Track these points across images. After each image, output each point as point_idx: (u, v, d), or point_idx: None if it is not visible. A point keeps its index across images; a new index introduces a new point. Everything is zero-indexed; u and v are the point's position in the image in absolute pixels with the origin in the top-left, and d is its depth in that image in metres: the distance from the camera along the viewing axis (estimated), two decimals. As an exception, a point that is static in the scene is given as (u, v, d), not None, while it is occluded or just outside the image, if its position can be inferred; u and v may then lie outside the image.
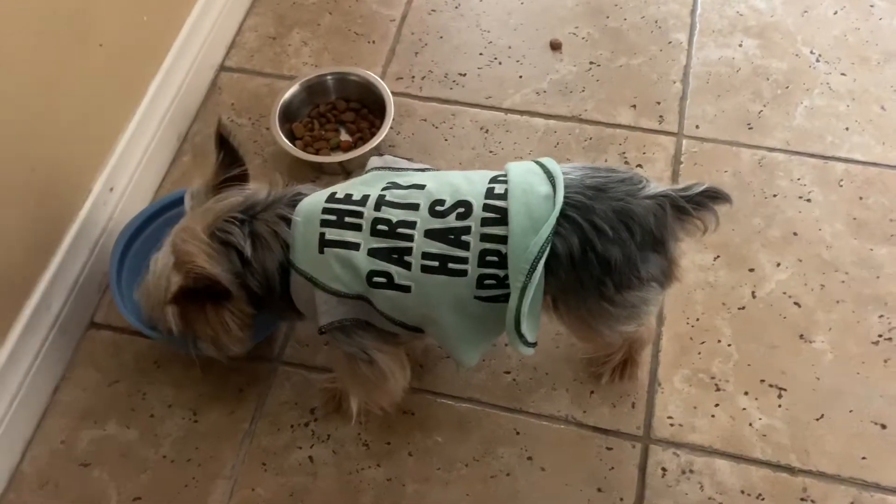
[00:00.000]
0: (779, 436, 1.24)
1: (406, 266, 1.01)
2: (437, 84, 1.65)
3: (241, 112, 1.64)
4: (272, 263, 1.06)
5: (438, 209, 1.02)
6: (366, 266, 1.02)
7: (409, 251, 1.01)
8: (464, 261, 1.00)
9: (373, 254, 1.02)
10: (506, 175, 1.04)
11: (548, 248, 0.98)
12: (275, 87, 1.65)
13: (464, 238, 1.00)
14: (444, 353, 1.31)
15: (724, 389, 1.28)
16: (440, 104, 1.63)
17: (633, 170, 1.38)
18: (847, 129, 1.55)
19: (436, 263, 1.01)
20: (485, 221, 1.00)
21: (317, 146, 1.57)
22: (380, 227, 1.02)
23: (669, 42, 1.69)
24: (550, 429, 1.26)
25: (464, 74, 1.67)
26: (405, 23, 1.75)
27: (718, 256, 1.40)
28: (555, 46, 1.69)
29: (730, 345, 1.32)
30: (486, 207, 1.01)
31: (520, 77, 1.65)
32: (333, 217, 1.03)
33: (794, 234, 1.43)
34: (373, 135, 1.55)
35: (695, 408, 1.27)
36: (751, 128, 1.56)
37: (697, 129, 1.56)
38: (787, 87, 1.61)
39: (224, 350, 1.14)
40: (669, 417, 1.26)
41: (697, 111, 1.59)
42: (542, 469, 1.23)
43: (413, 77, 1.67)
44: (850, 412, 1.25)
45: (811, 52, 1.65)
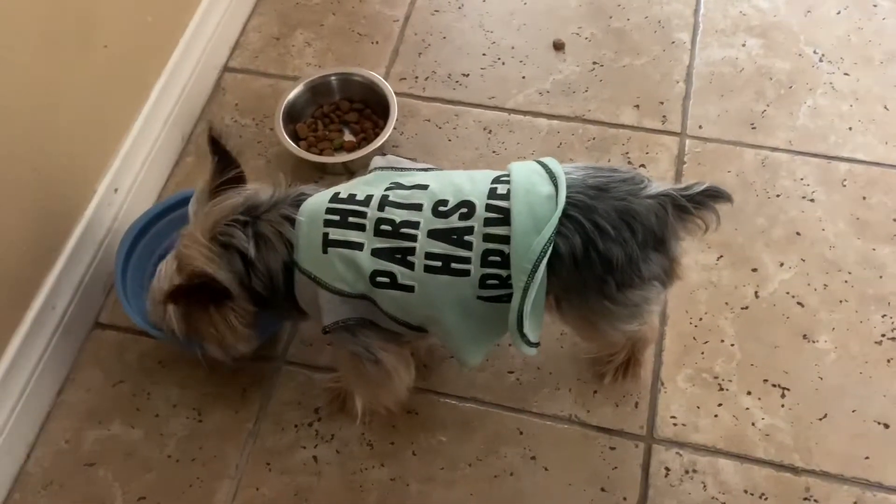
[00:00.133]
0: (782, 435, 1.24)
1: (409, 266, 1.02)
2: (441, 84, 1.66)
3: (245, 113, 1.64)
4: (276, 263, 1.07)
5: (441, 209, 1.02)
6: (369, 266, 1.02)
7: (413, 251, 1.01)
8: (467, 261, 1.01)
9: (376, 254, 1.02)
10: (508, 175, 1.04)
11: (550, 248, 0.98)
12: (278, 88, 1.66)
13: (467, 238, 1.01)
14: (448, 353, 1.31)
15: (728, 389, 1.28)
16: (443, 104, 1.63)
17: (635, 169, 1.38)
18: (850, 129, 1.55)
19: (439, 263, 1.01)
20: (487, 221, 1.00)
21: (320, 147, 1.57)
22: (383, 227, 1.02)
23: (673, 42, 1.69)
24: (554, 428, 1.26)
25: (467, 75, 1.67)
26: (409, 23, 1.76)
27: (722, 256, 1.41)
28: (558, 47, 1.69)
29: (733, 344, 1.32)
30: (489, 207, 1.01)
31: (523, 77, 1.66)
32: (337, 217, 1.04)
33: (798, 234, 1.43)
34: (376, 135, 1.55)
35: (698, 407, 1.27)
36: (754, 128, 1.56)
37: (701, 129, 1.56)
38: (791, 87, 1.61)
39: (230, 350, 1.14)
40: (672, 417, 1.26)
41: (701, 111, 1.59)
42: (546, 469, 1.23)
43: (416, 77, 1.67)
44: (853, 412, 1.26)
45: (814, 52, 1.65)
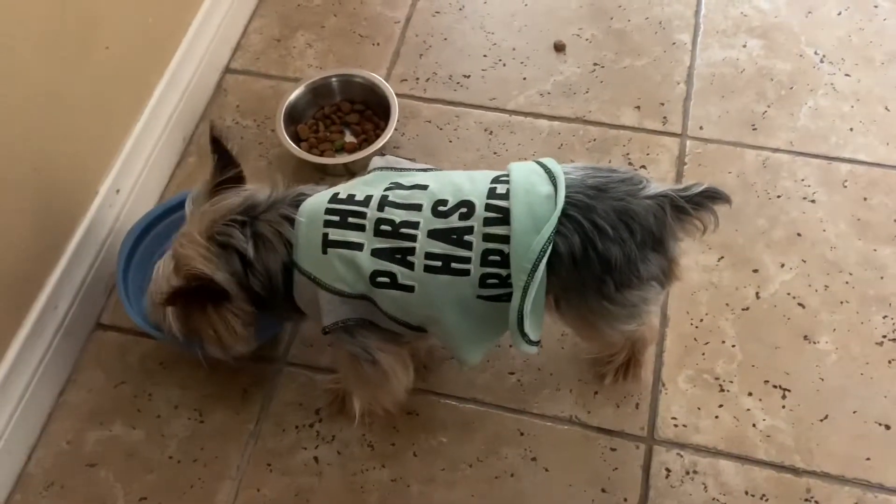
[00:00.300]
0: (783, 436, 1.24)
1: (409, 266, 1.02)
2: (442, 86, 1.66)
3: (247, 114, 1.64)
4: (275, 264, 1.07)
5: (441, 209, 1.02)
6: (369, 266, 1.02)
7: (413, 251, 1.01)
8: (466, 260, 1.01)
9: (376, 254, 1.02)
10: (508, 175, 1.04)
11: (550, 248, 0.98)
12: (280, 89, 1.66)
13: (466, 238, 1.01)
14: (448, 354, 1.31)
15: (728, 390, 1.28)
16: (444, 106, 1.63)
17: (634, 170, 1.38)
18: (851, 130, 1.54)
19: (439, 263, 1.01)
20: (487, 221, 1.00)
21: (322, 148, 1.57)
22: (383, 228, 1.02)
23: (673, 43, 1.69)
24: (554, 429, 1.26)
25: (468, 76, 1.67)
26: (409, 25, 1.76)
27: (722, 257, 1.41)
28: (559, 48, 1.69)
29: (734, 345, 1.32)
30: (489, 207, 1.01)
31: (524, 78, 1.66)
32: (336, 217, 1.04)
33: (799, 235, 1.43)
34: (377, 136, 1.55)
35: (699, 408, 1.27)
36: (755, 129, 1.56)
37: (701, 130, 1.56)
38: (792, 88, 1.61)
39: (228, 350, 1.14)
40: (673, 418, 1.26)
41: (701, 112, 1.59)
42: (546, 470, 1.23)
43: (417, 79, 1.67)
44: (854, 413, 1.25)
45: (815, 53, 1.65)
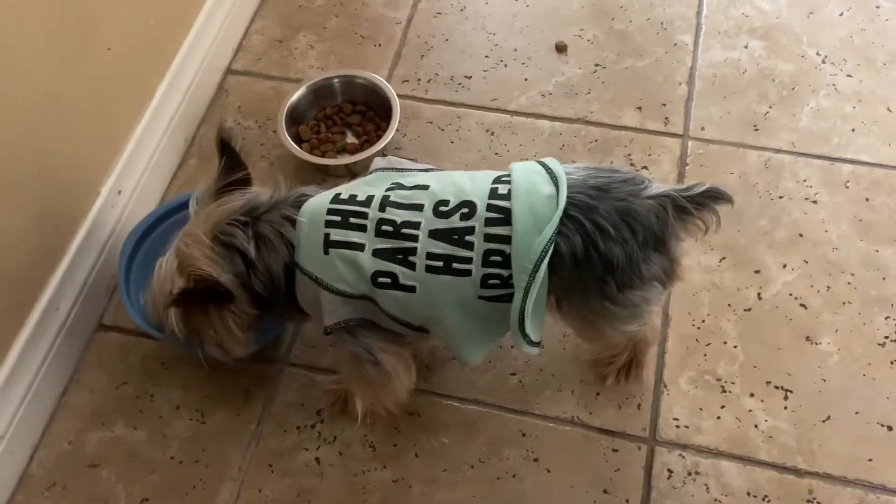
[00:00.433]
0: (785, 437, 1.24)
1: (411, 266, 1.02)
2: (443, 86, 1.66)
3: (248, 115, 1.64)
4: (277, 264, 1.07)
5: (442, 209, 1.02)
6: (370, 266, 1.02)
7: (414, 251, 1.01)
8: (468, 261, 1.01)
9: (377, 254, 1.02)
10: (509, 175, 1.04)
11: (551, 248, 0.98)
12: (281, 90, 1.66)
13: (468, 238, 1.01)
14: (450, 355, 1.31)
15: (730, 391, 1.28)
16: (446, 106, 1.63)
17: (636, 170, 1.38)
18: (853, 131, 1.54)
19: (440, 264, 1.01)
20: (488, 221, 1.00)
21: (323, 149, 1.57)
22: (384, 228, 1.02)
23: (675, 44, 1.69)
24: (556, 430, 1.26)
25: (469, 77, 1.67)
26: (411, 26, 1.76)
27: (724, 258, 1.40)
28: (560, 49, 1.69)
29: (735, 346, 1.32)
30: (490, 207, 1.01)
31: (525, 79, 1.66)
32: (338, 218, 1.04)
33: (800, 236, 1.42)
34: (379, 137, 1.55)
35: (700, 409, 1.27)
36: (757, 129, 1.56)
37: (703, 131, 1.56)
38: (793, 89, 1.61)
39: (229, 351, 1.14)
40: (675, 419, 1.26)
41: (703, 113, 1.59)
42: (548, 470, 1.23)
43: (419, 79, 1.67)
44: (857, 414, 1.25)
45: (817, 54, 1.65)
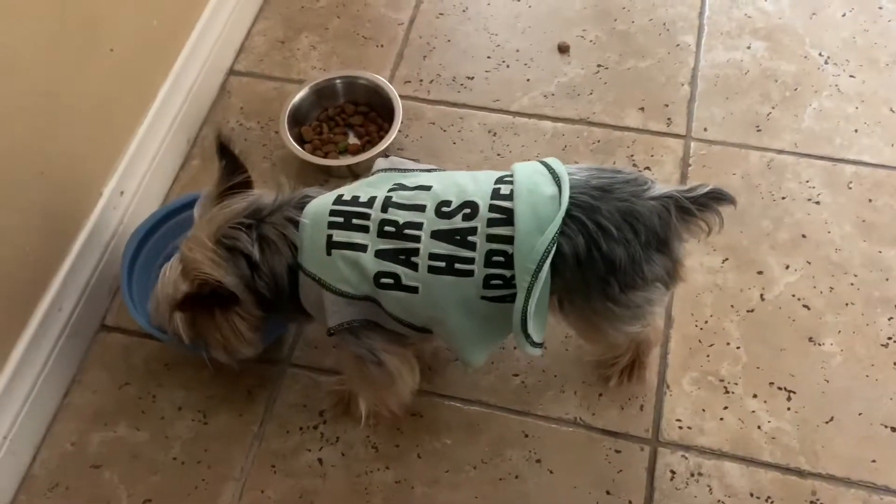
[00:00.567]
0: (788, 438, 1.24)
1: (413, 267, 1.02)
2: (445, 87, 1.66)
3: (250, 116, 1.65)
4: (281, 266, 1.07)
5: (445, 210, 1.02)
6: (373, 267, 1.02)
7: (416, 252, 1.01)
8: (470, 261, 1.01)
9: (380, 255, 1.02)
10: (511, 175, 1.04)
11: (553, 248, 0.98)
12: (284, 91, 1.66)
13: (470, 238, 1.01)
14: (453, 356, 1.31)
15: (733, 392, 1.28)
16: (448, 107, 1.63)
17: (639, 171, 1.38)
18: (856, 132, 1.54)
19: (443, 264, 1.01)
20: (491, 222, 1.00)
21: (325, 149, 1.57)
22: (387, 229, 1.02)
23: (677, 44, 1.69)
24: (559, 431, 1.26)
25: (472, 78, 1.67)
26: (413, 26, 1.76)
27: (727, 259, 1.40)
28: (562, 49, 1.69)
29: (738, 347, 1.32)
30: (492, 208, 1.01)
31: (527, 80, 1.66)
32: (340, 219, 1.04)
33: (803, 237, 1.42)
34: (381, 138, 1.55)
35: (703, 410, 1.27)
36: (759, 130, 1.56)
37: (706, 132, 1.56)
38: (796, 90, 1.61)
39: (235, 354, 1.15)
40: (678, 420, 1.26)
41: (706, 113, 1.58)
42: (551, 472, 1.23)
43: (421, 80, 1.67)
44: (860, 415, 1.25)
45: (820, 55, 1.65)
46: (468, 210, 1.01)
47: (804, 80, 1.62)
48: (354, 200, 1.05)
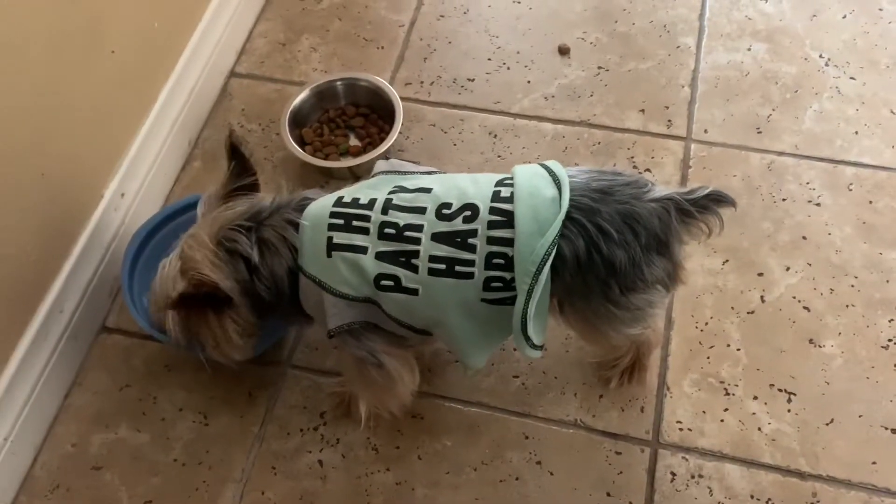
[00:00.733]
0: (788, 440, 1.24)
1: (413, 269, 1.02)
2: (446, 89, 1.66)
3: (251, 117, 1.65)
4: (281, 268, 1.07)
5: (445, 212, 1.02)
6: (373, 269, 1.02)
7: (417, 254, 1.01)
8: (470, 263, 1.01)
9: (380, 257, 1.02)
10: (512, 178, 1.04)
11: (554, 251, 0.98)
12: (285, 93, 1.66)
13: (470, 241, 1.01)
14: (453, 358, 1.31)
15: (733, 394, 1.28)
16: (449, 109, 1.63)
17: (639, 173, 1.38)
18: (856, 133, 1.54)
19: (443, 266, 1.01)
20: (491, 224, 1.00)
21: (326, 151, 1.58)
22: (387, 231, 1.02)
23: (678, 46, 1.69)
24: (559, 433, 1.26)
25: (472, 79, 1.67)
26: (414, 28, 1.76)
27: (727, 261, 1.40)
28: (563, 51, 1.69)
29: (739, 349, 1.32)
30: (493, 210, 1.01)
31: (528, 82, 1.66)
32: (341, 221, 1.04)
33: (804, 239, 1.42)
34: (382, 140, 1.55)
35: (704, 412, 1.27)
36: (760, 132, 1.56)
37: (706, 134, 1.56)
38: (797, 92, 1.61)
39: (226, 356, 1.15)
40: (678, 422, 1.26)
41: (706, 115, 1.59)
42: (551, 473, 1.23)
43: (422, 82, 1.67)
44: (860, 417, 1.25)
45: (820, 56, 1.65)
46: (468, 212, 1.01)
47: (804, 82, 1.62)
48: (355, 202, 1.05)
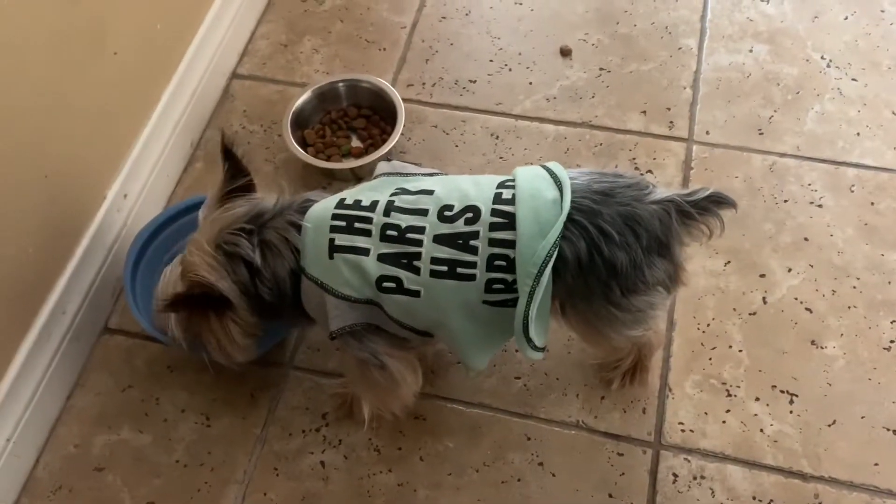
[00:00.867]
0: (790, 442, 1.24)
1: (415, 271, 1.02)
2: (448, 90, 1.66)
3: (254, 119, 1.65)
4: (283, 270, 1.07)
5: (447, 214, 1.02)
6: (375, 271, 1.02)
7: (419, 256, 1.02)
8: (472, 265, 1.01)
9: (382, 259, 1.02)
10: (513, 180, 1.04)
11: (555, 253, 0.98)
12: (287, 94, 1.66)
13: (472, 243, 1.01)
14: (455, 359, 1.31)
15: (735, 395, 1.28)
16: (451, 110, 1.64)
17: (640, 175, 1.38)
18: (858, 135, 1.54)
19: (445, 268, 1.01)
20: (493, 226, 1.01)
21: (328, 153, 1.58)
22: (389, 233, 1.02)
23: (679, 48, 1.69)
24: (561, 434, 1.26)
25: (474, 81, 1.67)
26: (416, 30, 1.76)
27: (729, 262, 1.40)
28: (565, 53, 1.70)
29: (741, 350, 1.32)
30: (494, 212, 1.01)
31: (530, 83, 1.66)
32: (343, 223, 1.04)
33: (806, 240, 1.42)
34: (384, 141, 1.56)
35: (706, 413, 1.27)
36: (761, 133, 1.56)
37: (708, 135, 1.56)
38: (798, 93, 1.61)
39: (229, 358, 1.15)
40: (680, 423, 1.26)
41: (708, 117, 1.59)
42: (553, 475, 1.23)
43: (424, 84, 1.67)
44: (863, 418, 1.25)
45: (822, 58, 1.65)
46: (470, 214, 1.02)
47: (806, 84, 1.62)
48: (357, 204, 1.06)
